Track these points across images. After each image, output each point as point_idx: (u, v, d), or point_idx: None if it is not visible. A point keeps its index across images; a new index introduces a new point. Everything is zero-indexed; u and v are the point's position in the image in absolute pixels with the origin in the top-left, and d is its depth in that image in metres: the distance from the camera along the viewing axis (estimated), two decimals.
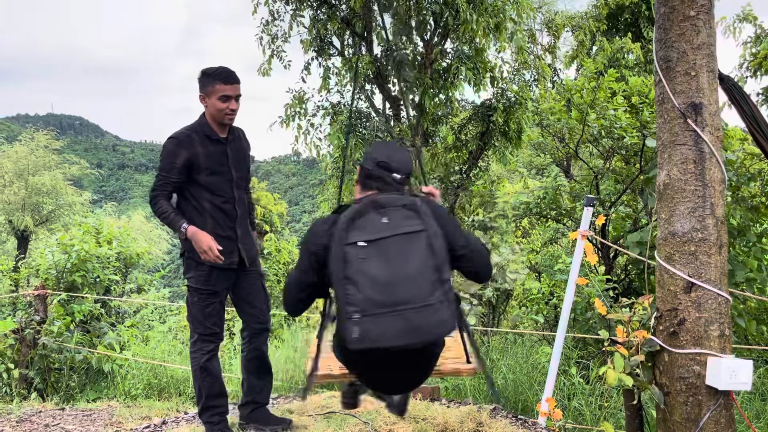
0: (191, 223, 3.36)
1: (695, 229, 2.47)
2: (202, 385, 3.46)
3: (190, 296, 3.46)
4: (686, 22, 2.55)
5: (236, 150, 3.52)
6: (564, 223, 7.88)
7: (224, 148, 3.45)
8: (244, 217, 3.54)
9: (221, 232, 3.41)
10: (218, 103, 3.34)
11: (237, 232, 3.46)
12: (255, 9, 9.67)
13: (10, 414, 4.89)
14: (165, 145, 3.38)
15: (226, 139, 3.46)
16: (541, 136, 8.46)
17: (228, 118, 3.41)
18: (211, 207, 3.40)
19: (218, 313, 3.48)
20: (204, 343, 3.45)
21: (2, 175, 24.65)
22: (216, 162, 3.39)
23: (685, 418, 2.42)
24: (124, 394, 5.81)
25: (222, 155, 3.43)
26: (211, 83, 3.35)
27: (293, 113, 10.10)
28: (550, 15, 13.08)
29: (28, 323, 5.89)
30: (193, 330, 3.48)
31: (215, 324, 3.46)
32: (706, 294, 2.43)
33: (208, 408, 3.49)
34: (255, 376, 3.68)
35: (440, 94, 9.95)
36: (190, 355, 3.51)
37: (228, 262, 3.42)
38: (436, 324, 2.11)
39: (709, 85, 2.54)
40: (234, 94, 3.38)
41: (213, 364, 3.47)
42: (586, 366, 5.05)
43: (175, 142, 3.35)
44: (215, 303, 3.45)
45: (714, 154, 2.49)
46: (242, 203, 3.53)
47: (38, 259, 7.90)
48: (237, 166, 3.49)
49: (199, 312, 3.43)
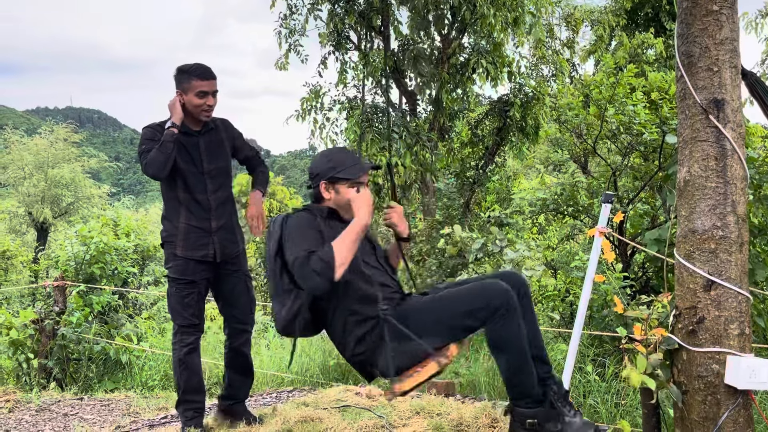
0: (167, 214, 3.49)
1: (716, 226, 2.43)
2: (179, 378, 3.50)
3: (169, 286, 3.50)
4: (709, 17, 2.51)
5: (210, 141, 3.52)
6: (581, 219, 7.81)
7: (195, 140, 3.47)
8: (222, 210, 3.53)
9: (195, 223, 3.44)
10: (195, 99, 3.37)
11: (212, 225, 3.47)
12: (273, 3, 9.68)
13: (29, 403, 4.97)
14: (142, 132, 3.45)
15: (198, 132, 3.48)
16: (559, 132, 8.39)
17: (205, 114, 3.44)
18: (185, 197, 3.44)
19: (197, 304, 3.49)
20: (184, 335, 3.47)
21: (22, 167, 24.96)
22: (186, 153, 3.42)
23: (704, 417, 2.40)
24: (141, 384, 5.88)
25: (193, 147, 3.45)
26: (187, 80, 3.37)
27: (309, 107, 10.12)
28: (569, 9, 12.96)
29: (48, 314, 5.97)
30: (174, 321, 3.52)
31: (194, 315, 3.48)
32: (726, 292, 2.40)
33: (185, 401, 3.53)
34: (236, 372, 3.71)
35: (457, 88, 9.92)
36: (172, 347, 3.54)
37: (201, 254, 3.44)
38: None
39: (731, 80, 2.50)
40: (211, 90, 3.40)
41: (192, 358, 3.49)
42: (602, 363, 5.02)
43: (151, 129, 3.43)
44: (193, 293, 3.46)
45: (736, 150, 2.46)
46: (219, 195, 3.52)
47: (57, 250, 8.00)
48: (210, 158, 3.49)
49: (177, 303, 3.46)
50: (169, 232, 3.47)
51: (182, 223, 3.43)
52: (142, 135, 3.43)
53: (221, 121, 3.65)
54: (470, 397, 4.30)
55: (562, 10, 12.74)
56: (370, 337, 2.53)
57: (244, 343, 3.69)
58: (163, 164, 3.29)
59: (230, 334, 3.67)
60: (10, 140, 26.42)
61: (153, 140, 3.36)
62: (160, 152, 3.28)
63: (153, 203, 42.45)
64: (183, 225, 3.44)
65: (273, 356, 6.02)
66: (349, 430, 3.41)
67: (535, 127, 10.06)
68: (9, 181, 25.82)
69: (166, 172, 3.33)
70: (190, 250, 3.42)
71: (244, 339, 3.68)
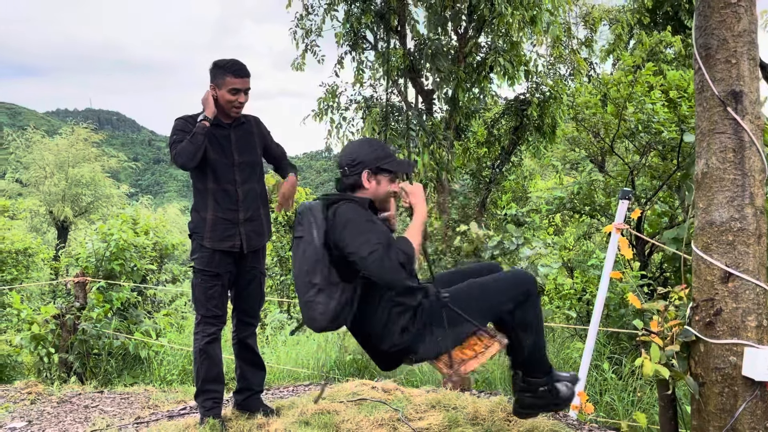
0: (196, 206, 3.54)
1: (733, 218, 2.43)
2: (200, 368, 3.54)
3: (194, 278, 3.55)
4: (727, 9, 2.50)
5: (241, 135, 3.58)
6: (598, 218, 7.78)
7: (227, 132, 3.53)
8: (250, 202, 3.57)
9: (221, 214, 3.49)
10: (227, 95, 3.43)
11: (239, 216, 3.51)
12: (289, 3, 9.75)
13: (51, 395, 5.05)
14: (174, 123, 3.50)
15: (229, 125, 3.55)
16: (576, 131, 8.36)
17: (235, 110, 3.50)
18: (213, 188, 3.48)
19: (220, 296, 3.54)
20: (206, 325, 3.52)
21: (44, 167, 25.35)
22: (217, 144, 3.48)
23: (720, 408, 2.39)
24: (159, 379, 5.95)
25: (224, 139, 3.51)
26: (222, 75, 3.42)
27: (326, 107, 10.17)
28: (587, 8, 12.90)
29: (69, 309, 6.07)
30: (197, 311, 3.56)
31: (217, 306, 3.53)
32: (744, 284, 2.40)
33: (204, 392, 3.57)
34: (246, 363, 3.77)
35: (474, 87, 9.91)
36: (193, 337, 3.59)
37: (228, 245, 3.49)
38: (309, 320, 2.60)
39: (749, 72, 2.49)
40: (243, 88, 3.45)
41: (213, 348, 3.54)
42: (618, 361, 5.00)
43: (183, 120, 3.49)
44: (217, 285, 3.51)
45: (754, 142, 2.45)
46: (247, 188, 3.57)
47: (78, 248, 8.11)
48: (240, 151, 3.55)
49: (201, 294, 3.51)
50: (196, 223, 3.53)
51: (210, 214, 3.48)
52: (174, 126, 3.50)
53: (253, 117, 3.72)
54: (485, 392, 4.31)
55: (579, 9, 12.68)
56: (413, 326, 2.63)
57: (250, 336, 3.77)
58: (192, 154, 3.36)
59: (237, 325, 3.75)
60: (33, 139, 26.82)
61: (184, 131, 3.43)
62: (191, 143, 3.35)
63: (170, 203, 42.79)
64: (210, 216, 3.49)
65: (289, 352, 6.07)
66: (365, 422, 3.43)
67: (552, 126, 10.02)
68: (30, 181, 26.24)
69: (195, 163, 3.39)
70: (217, 241, 3.47)
71: (250, 332, 3.77)
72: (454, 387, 4.02)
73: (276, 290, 12.06)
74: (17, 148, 27.40)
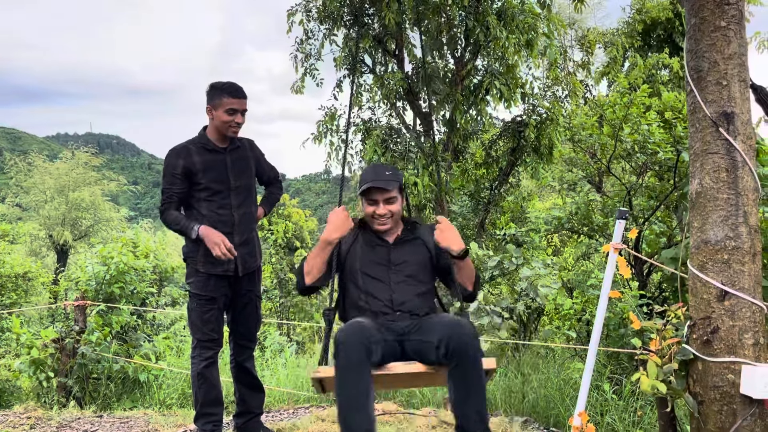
0: None
1: (728, 237, 2.46)
2: (198, 392, 3.55)
3: (190, 302, 3.57)
4: (717, 33, 2.56)
5: (236, 159, 3.60)
6: (596, 239, 7.80)
7: (223, 156, 3.55)
8: (244, 226, 3.60)
9: None
10: (224, 116, 3.45)
11: (234, 240, 3.51)
12: (290, 28, 9.89)
13: (50, 420, 5.03)
14: (165, 159, 3.53)
15: (225, 149, 3.57)
16: (573, 152, 8.43)
17: (232, 131, 3.52)
18: (208, 213, 3.50)
19: (216, 320, 3.56)
20: (203, 349, 3.53)
21: (44, 191, 25.40)
22: (213, 170, 3.50)
23: (720, 427, 2.40)
24: (159, 402, 5.92)
25: (220, 163, 3.53)
26: (219, 96, 3.46)
27: (326, 129, 10.25)
28: (582, 31, 13.07)
29: (68, 333, 6.05)
30: (193, 336, 3.58)
31: (213, 330, 3.54)
32: (740, 302, 2.42)
33: (203, 415, 3.57)
34: (244, 386, 3.78)
35: (471, 110, 10.00)
36: (191, 361, 3.60)
37: (223, 269, 3.50)
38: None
39: (740, 94, 2.54)
40: (240, 108, 3.48)
41: (211, 371, 3.55)
42: (618, 381, 4.99)
43: (173, 153, 3.50)
44: (213, 309, 3.53)
45: (746, 162, 2.49)
46: (242, 211, 3.59)
47: (77, 271, 8.11)
48: (237, 175, 3.57)
49: (197, 318, 3.52)
50: (190, 247, 3.54)
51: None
52: (164, 167, 3.52)
53: (247, 140, 3.75)
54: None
55: (575, 33, 12.85)
56: None
57: (248, 359, 3.79)
58: (173, 229, 3.51)
59: (235, 348, 3.77)
60: (35, 163, 26.91)
61: (174, 169, 3.45)
62: (175, 226, 3.47)
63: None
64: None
65: (289, 374, 6.05)
66: None
67: (549, 147, 10.09)
68: (30, 204, 26.27)
69: None
70: (211, 265, 3.48)
71: (248, 355, 3.79)
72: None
73: (276, 312, 12.03)
74: (18, 173, 27.49)
